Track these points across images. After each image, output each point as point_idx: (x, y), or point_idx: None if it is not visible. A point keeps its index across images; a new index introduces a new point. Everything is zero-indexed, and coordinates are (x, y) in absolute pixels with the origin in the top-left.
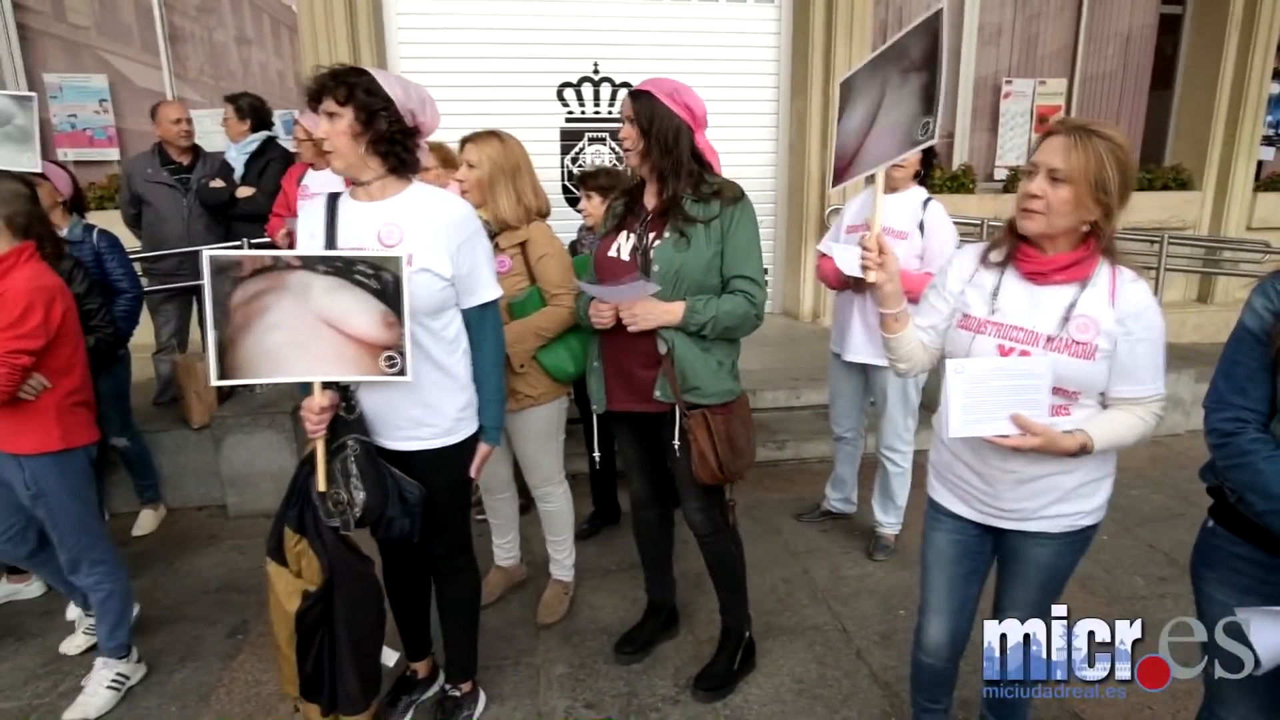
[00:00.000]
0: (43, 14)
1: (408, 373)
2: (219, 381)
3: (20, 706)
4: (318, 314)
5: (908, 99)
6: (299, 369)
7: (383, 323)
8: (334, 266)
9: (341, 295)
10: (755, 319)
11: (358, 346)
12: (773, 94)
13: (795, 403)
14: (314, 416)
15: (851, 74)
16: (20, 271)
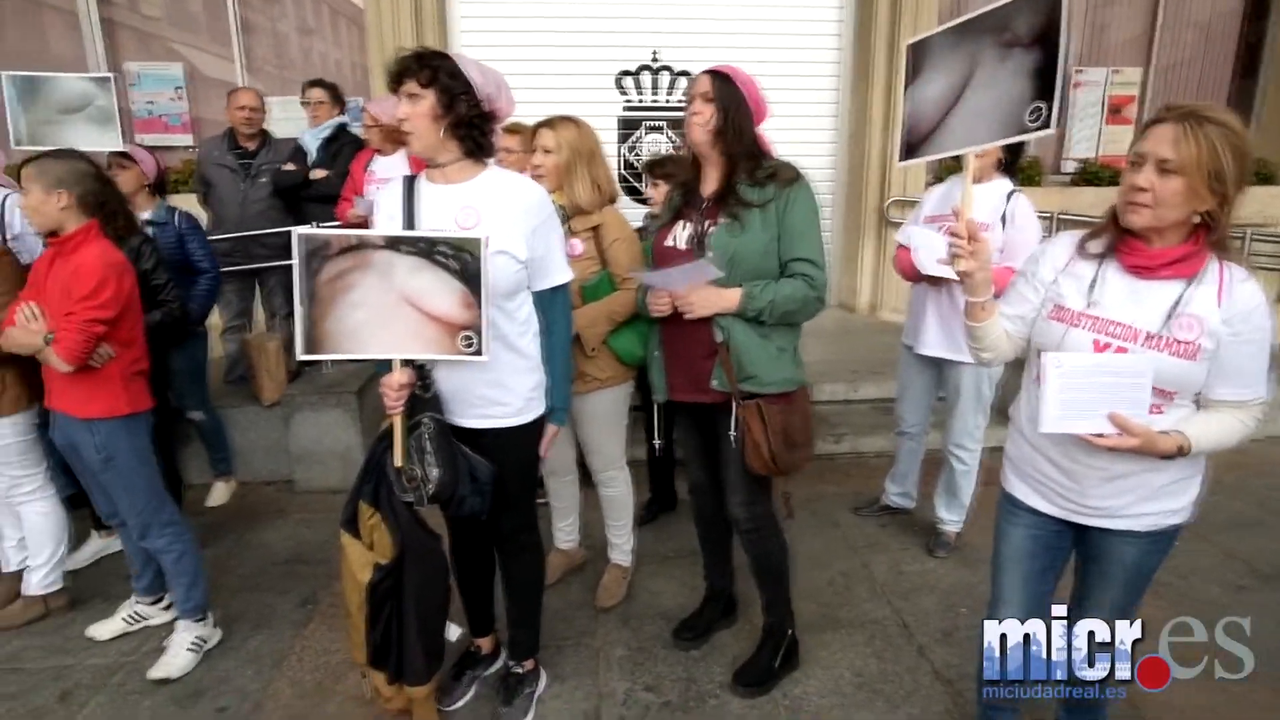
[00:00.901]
0: (122, 6)
1: (484, 353)
2: (305, 356)
3: (108, 664)
4: (400, 293)
5: (1011, 78)
6: (380, 346)
7: (462, 303)
8: (417, 247)
9: (423, 275)
10: (816, 302)
11: (437, 326)
12: (833, 82)
13: (853, 396)
14: (393, 393)
15: (926, 38)
16: (91, 247)
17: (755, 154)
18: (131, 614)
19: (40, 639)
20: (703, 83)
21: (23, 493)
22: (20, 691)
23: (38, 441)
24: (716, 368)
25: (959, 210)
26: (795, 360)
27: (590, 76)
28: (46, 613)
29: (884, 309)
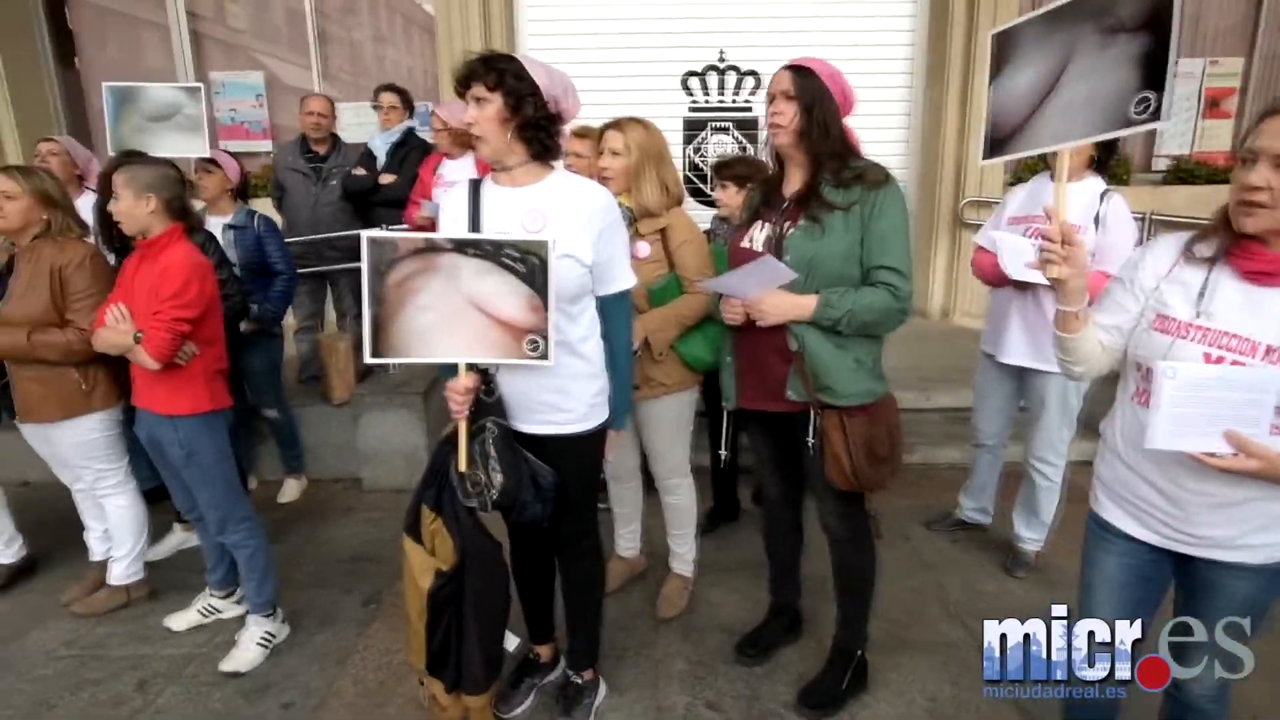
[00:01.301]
0: (209, 19)
1: (550, 357)
2: (373, 359)
3: (183, 654)
4: (466, 296)
5: (1114, 67)
6: (447, 350)
7: (528, 306)
8: (483, 250)
9: (489, 278)
10: (899, 313)
11: (503, 330)
12: (905, 80)
13: (925, 404)
14: (458, 397)
15: (1013, 27)
16: (176, 249)
17: (842, 152)
18: (206, 606)
19: (122, 627)
20: (783, 79)
21: (106, 486)
22: (102, 678)
23: (122, 437)
24: (792, 376)
25: (1051, 211)
26: (876, 372)
27: (656, 78)
28: (128, 602)
29: (957, 313)
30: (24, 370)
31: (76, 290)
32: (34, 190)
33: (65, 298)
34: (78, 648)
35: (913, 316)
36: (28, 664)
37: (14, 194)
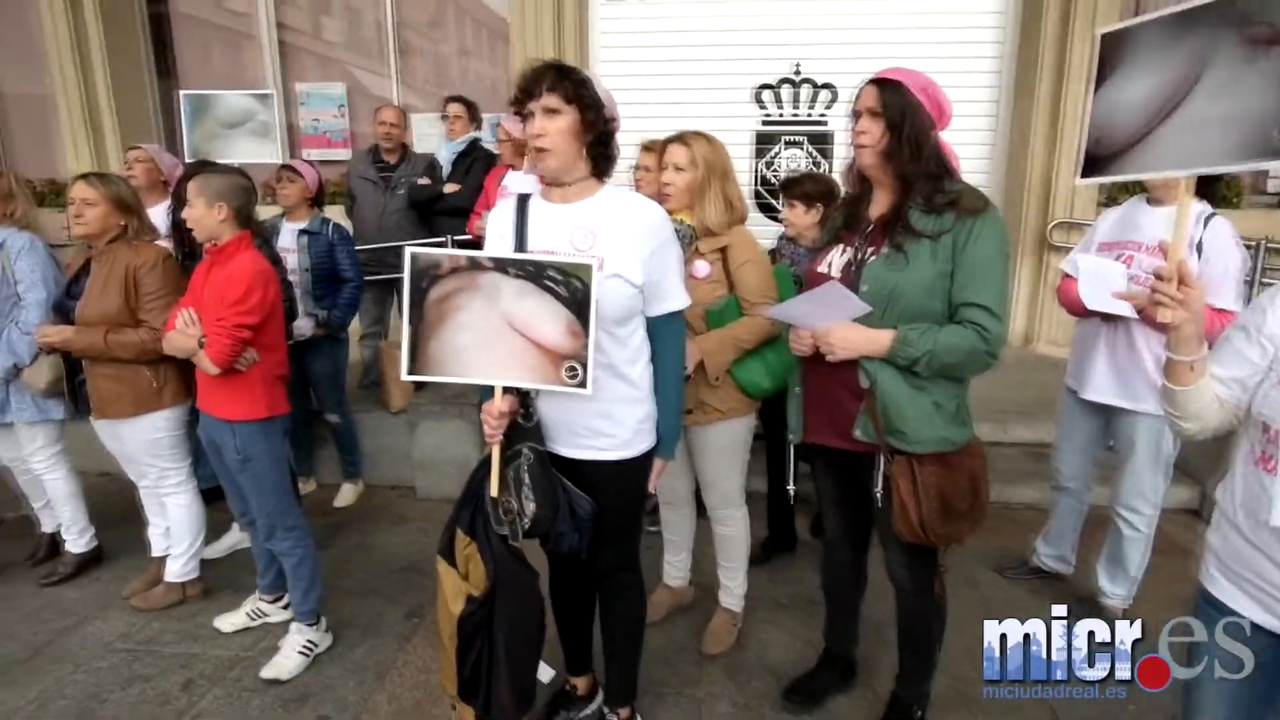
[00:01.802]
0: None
1: (588, 386)
2: (409, 376)
3: (228, 656)
4: (506, 317)
5: (1262, 84)
6: (484, 371)
7: (568, 331)
8: (525, 270)
9: (530, 300)
10: (986, 357)
11: (541, 354)
12: (991, 94)
13: (1001, 438)
14: (493, 420)
15: (1128, 27)
16: (244, 256)
17: (935, 173)
18: (254, 609)
19: (175, 624)
20: (867, 95)
21: (169, 484)
22: (152, 675)
23: (187, 438)
24: (862, 415)
25: (1167, 247)
26: (958, 418)
27: (727, 91)
28: (183, 599)
29: (1040, 341)
30: (99, 368)
31: (149, 291)
32: (111, 196)
33: (138, 298)
34: (132, 642)
35: None
36: (86, 654)
37: (93, 200)
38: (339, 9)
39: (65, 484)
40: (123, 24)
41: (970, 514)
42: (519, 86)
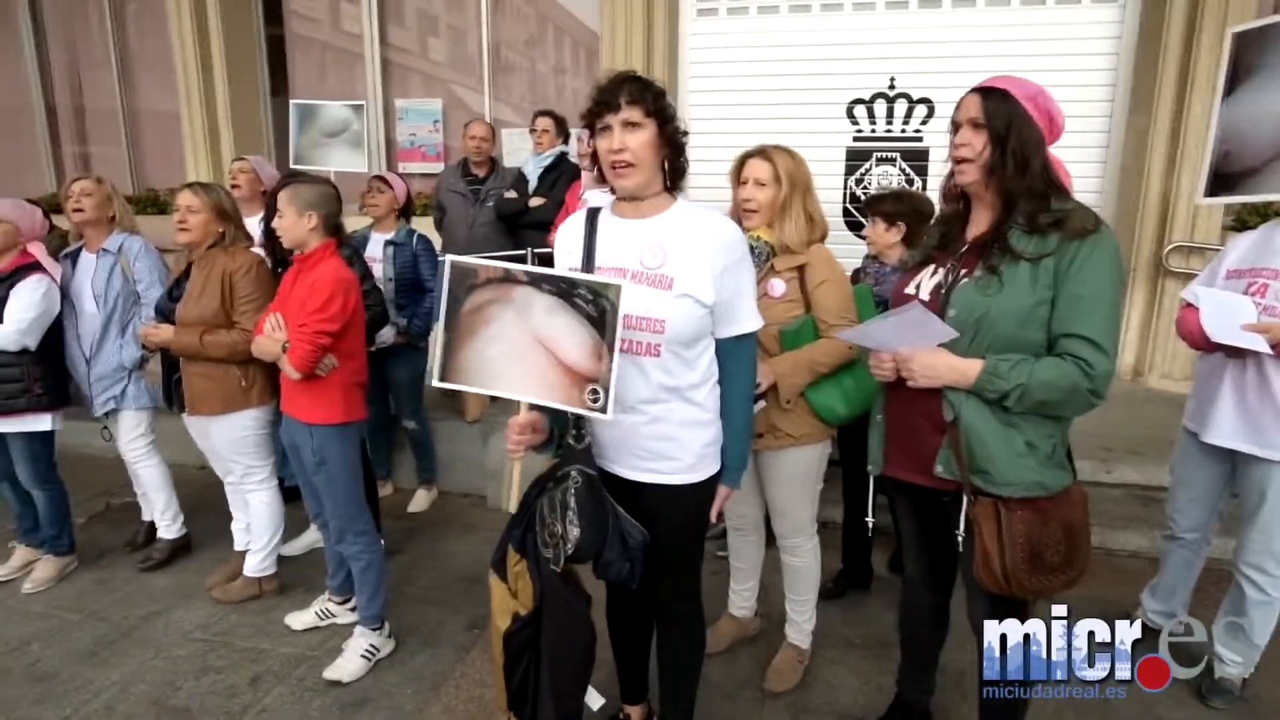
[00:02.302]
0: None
1: (609, 412)
2: (438, 384)
3: (295, 654)
4: (535, 332)
5: None
6: (510, 386)
7: (593, 353)
8: (558, 287)
9: (559, 317)
10: (1090, 396)
11: (565, 374)
12: (1105, 109)
13: (1104, 478)
14: (514, 435)
15: (1268, 24)
16: (327, 264)
17: (1043, 191)
18: (323, 609)
19: (250, 618)
20: (969, 105)
21: (252, 481)
22: (224, 667)
23: (271, 437)
24: (944, 449)
25: None
26: (1054, 460)
27: (819, 106)
28: (260, 594)
29: (1152, 374)
30: (193, 366)
31: (243, 295)
32: (213, 205)
33: (233, 302)
34: (210, 633)
35: None
36: (166, 641)
37: (196, 208)
38: (444, 29)
39: (156, 472)
40: (243, 44)
41: (1065, 568)
42: (594, 99)
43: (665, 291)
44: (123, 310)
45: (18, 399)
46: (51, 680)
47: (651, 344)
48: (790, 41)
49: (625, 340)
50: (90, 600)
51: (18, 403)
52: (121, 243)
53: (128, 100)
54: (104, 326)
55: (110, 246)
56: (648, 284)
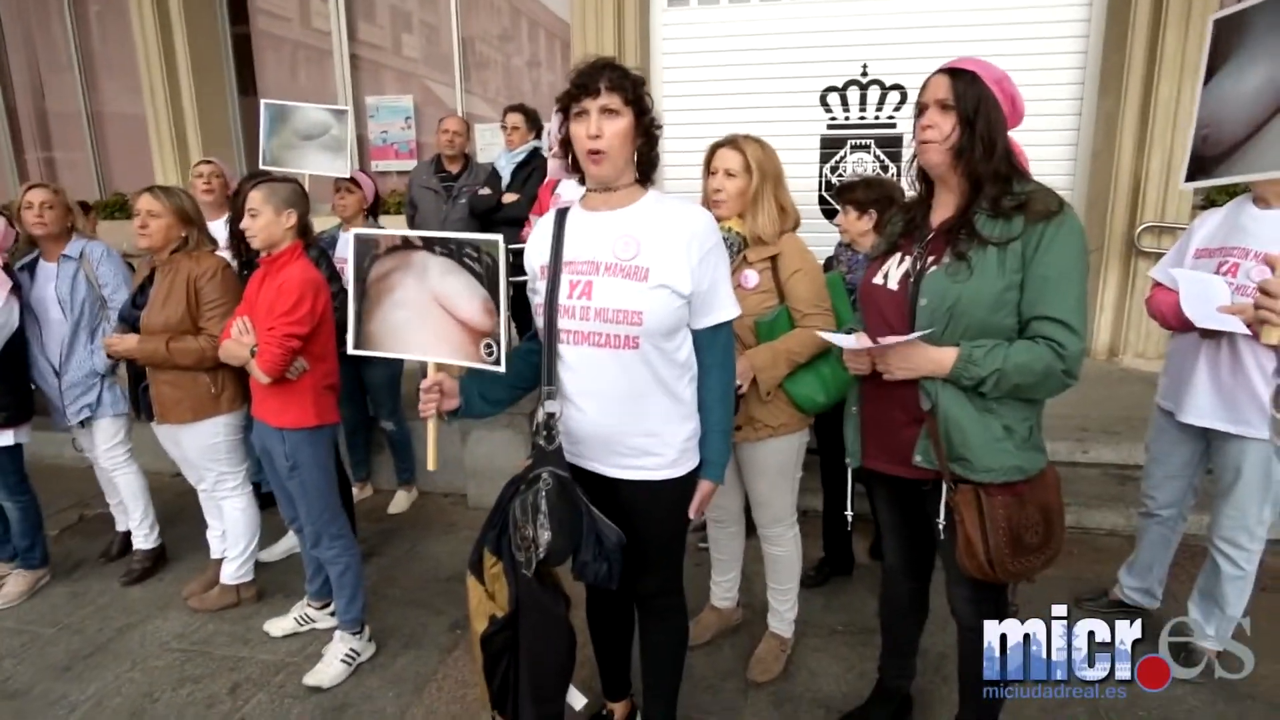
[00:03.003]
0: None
1: (503, 364)
2: (354, 350)
3: (274, 661)
4: (433, 294)
5: None
6: (416, 347)
7: (483, 309)
8: (448, 248)
9: (452, 278)
10: (1063, 376)
11: (463, 331)
12: (1074, 91)
13: (1080, 458)
14: (424, 395)
15: (1246, 9)
16: (295, 265)
17: (1006, 174)
18: (302, 615)
19: (228, 625)
20: (938, 85)
21: (225, 488)
22: (202, 675)
23: (243, 443)
24: (922, 439)
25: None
26: (1031, 443)
27: (792, 94)
28: (238, 601)
29: (1126, 354)
30: (161, 375)
31: (209, 300)
32: (174, 209)
33: (199, 307)
34: (187, 642)
35: None
36: (143, 653)
37: (158, 212)
38: (416, 24)
39: (135, 480)
40: (208, 43)
41: (1043, 548)
42: (573, 82)
43: (641, 283)
44: (90, 316)
45: None
46: (24, 697)
47: (629, 336)
48: (762, 30)
49: (602, 334)
50: (64, 614)
51: None
52: (83, 248)
53: (92, 103)
54: (72, 333)
55: (71, 253)
56: (622, 275)
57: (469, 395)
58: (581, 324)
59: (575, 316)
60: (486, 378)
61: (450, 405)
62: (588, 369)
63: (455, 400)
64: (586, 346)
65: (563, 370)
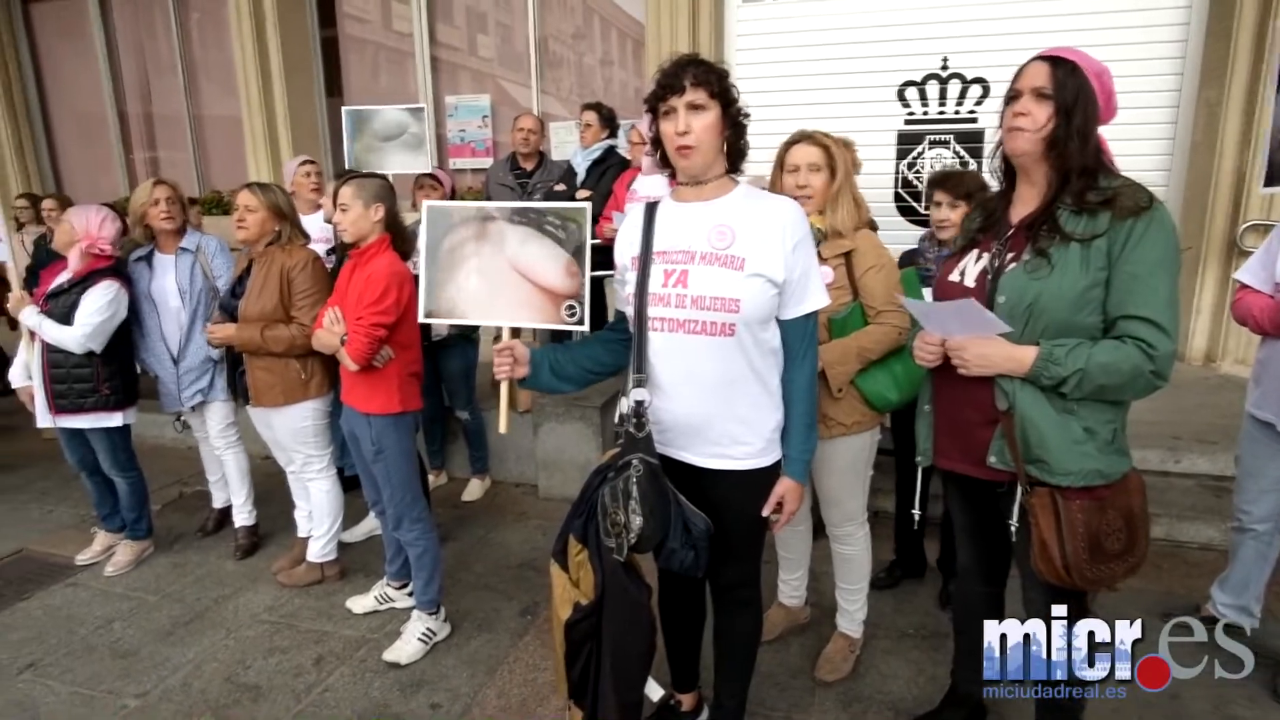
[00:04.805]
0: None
1: (586, 323)
2: (425, 319)
3: (357, 636)
4: (511, 261)
5: None
6: (493, 314)
7: (566, 271)
8: (528, 217)
9: (532, 244)
10: (1152, 377)
11: (543, 295)
12: (1173, 82)
13: (1172, 468)
14: (498, 359)
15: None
16: (382, 258)
17: (1094, 168)
18: (381, 594)
19: (313, 601)
20: (1037, 73)
21: (312, 470)
22: (289, 647)
23: (329, 427)
24: (997, 439)
25: None
26: (1114, 446)
27: (869, 89)
28: (322, 578)
29: (1225, 360)
30: (256, 360)
31: (300, 290)
32: (270, 204)
33: (291, 297)
34: (276, 615)
35: None
36: (236, 622)
37: (254, 207)
38: (492, 25)
39: (243, 461)
40: (299, 47)
41: (1125, 555)
42: (659, 82)
43: (737, 271)
44: (205, 305)
45: (87, 398)
46: (133, 657)
47: (726, 324)
48: (838, 24)
49: (699, 321)
50: (166, 582)
51: (87, 401)
52: (199, 241)
53: (193, 106)
54: (190, 322)
55: (189, 245)
56: (719, 264)
57: (539, 366)
58: (677, 311)
59: (670, 304)
60: (560, 353)
61: (521, 373)
62: (681, 356)
63: (525, 368)
64: (681, 334)
65: (653, 357)
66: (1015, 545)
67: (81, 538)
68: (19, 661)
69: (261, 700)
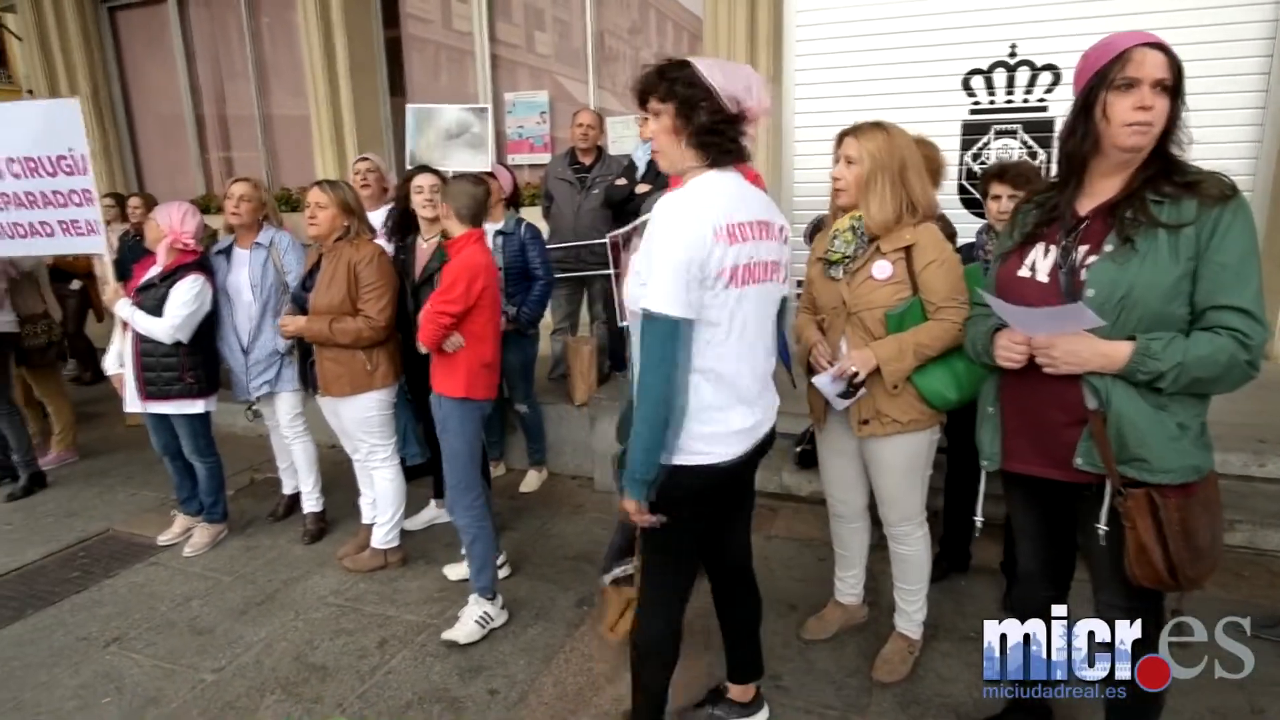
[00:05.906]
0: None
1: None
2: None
3: (417, 621)
4: None
5: None
6: None
7: None
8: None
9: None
10: (1246, 368)
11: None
12: (1260, 65)
13: (1257, 472)
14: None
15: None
16: (467, 249)
17: (1175, 157)
18: None
19: (377, 586)
20: (1157, 64)
21: (377, 459)
22: (355, 629)
23: (394, 418)
24: (1084, 441)
25: None
26: (1203, 440)
27: (933, 79)
28: (385, 564)
29: None
30: (325, 351)
31: (366, 283)
32: (339, 201)
33: (358, 290)
34: (342, 598)
35: None
36: (305, 604)
37: (324, 204)
38: (550, 21)
39: (311, 449)
40: (363, 47)
41: (1210, 551)
42: (635, 95)
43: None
44: (275, 299)
45: (173, 385)
46: (209, 634)
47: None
48: (901, 12)
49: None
50: (239, 564)
51: (173, 389)
52: (272, 237)
53: (263, 107)
54: (260, 314)
55: (263, 240)
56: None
57: None
58: None
59: None
60: None
61: None
62: None
63: None
64: None
65: None
66: (1099, 550)
67: (162, 520)
68: (106, 635)
69: (329, 680)
